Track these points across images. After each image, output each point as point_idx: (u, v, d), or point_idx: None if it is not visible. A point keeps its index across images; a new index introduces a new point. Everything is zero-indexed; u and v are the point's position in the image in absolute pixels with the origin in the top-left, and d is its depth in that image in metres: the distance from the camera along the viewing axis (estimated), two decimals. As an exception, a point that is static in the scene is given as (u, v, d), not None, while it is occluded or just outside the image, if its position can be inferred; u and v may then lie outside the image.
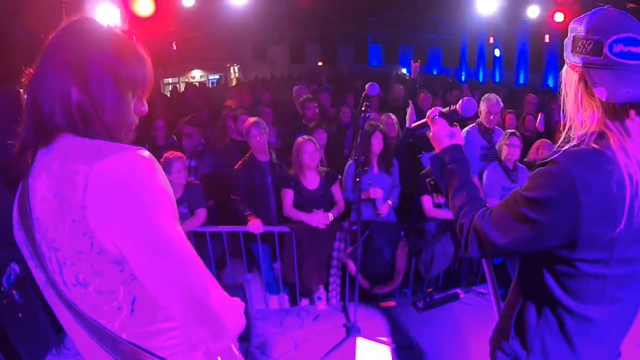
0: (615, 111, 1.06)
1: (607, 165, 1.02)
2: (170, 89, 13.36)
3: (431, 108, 1.55)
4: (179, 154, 3.50)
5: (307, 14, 12.47)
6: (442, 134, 1.46)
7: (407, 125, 4.14)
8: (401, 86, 7.38)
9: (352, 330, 3.08)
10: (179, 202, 3.43)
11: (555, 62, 14.94)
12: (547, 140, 4.50)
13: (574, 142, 1.10)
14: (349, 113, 5.72)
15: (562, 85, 1.20)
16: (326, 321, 3.31)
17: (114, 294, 0.90)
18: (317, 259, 3.39)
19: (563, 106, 1.20)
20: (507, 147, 3.79)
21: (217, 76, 17.15)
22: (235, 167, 3.57)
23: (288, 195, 3.39)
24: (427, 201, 3.59)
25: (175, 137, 5.22)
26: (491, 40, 15.13)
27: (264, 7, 7.80)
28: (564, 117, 1.20)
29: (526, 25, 12.42)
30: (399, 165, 3.92)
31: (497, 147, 4.00)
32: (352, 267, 3.36)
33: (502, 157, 3.85)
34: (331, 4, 10.93)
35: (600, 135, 1.06)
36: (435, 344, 3.10)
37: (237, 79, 17.67)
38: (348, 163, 3.76)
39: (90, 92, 0.93)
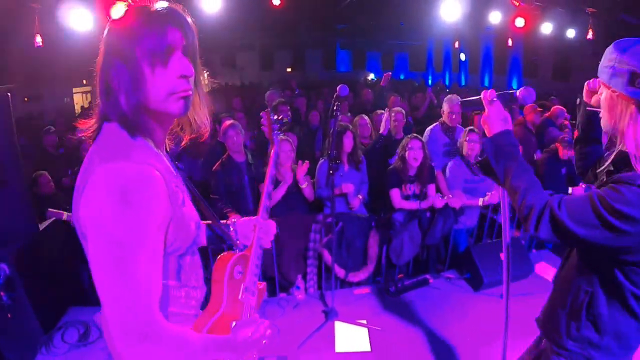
0: None
1: None
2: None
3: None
4: None
5: (277, 21, 12.67)
6: (497, 117, 1.53)
7: (381, 131, 4.37)
8: (370, 90, 7.68)
9: (330, 315, 3.30)
10: None
11: (518, 65, 15.63)
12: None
13: None
14: (317, 117, 5.97)
15: (606, 110, 1.38)
16: (305, 309, 3.50)
17: None
18: (294, 251, 3.61)
19: (608, 127, 1.39)
20: (467, 143, 4.10)
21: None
22: (213, 168, 3.76)
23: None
24: (395, 194, 3.85)
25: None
26: (456, 45, 15.71)
27: (235, 15, 7.96)
28: (606, 136, 1.43)
29: (490, 31, 12.93)
30: (372, 166, 4.19)
31: (458, 143, 4.31)
32: (327, 256, 3.60)
33: (464, 153, 4.15)
34: (300, 12, 11.16)
35: None
36: (408, 325, 3.34)
37: (206, 85, 17.60)
38: (320, 162, 3.99)
39: (104, 74, 1.03)
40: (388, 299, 3.67)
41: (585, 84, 1.64)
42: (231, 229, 1.56)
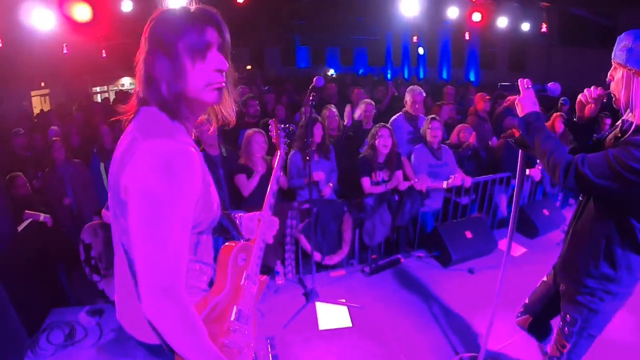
0: None
1: None
2: (102, 98, 13.02)
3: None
4: None
5: (236, 19, 12.61)
6: (529, 101, 1.88)
7: (345, 122, 4.67)
8: (334, 84, 7.87)
9: (311, 296, 3.47)
10: None
11: (475, 58, 16.21)
12: (466, 125, 5.18)
13: None
14: (283, 111, 6.12)
15: (622, 87, 1.69)
16: (286, 293, 3.66)
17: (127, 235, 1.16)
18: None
19: (623, 103, 1.71)
20: (431, 130, 4.35)
21: (146, 84, 16.51)
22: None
23: (242, 178, 3.72)
24: (365, 181, 4.06)
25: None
26: (415, 39, 16.05)
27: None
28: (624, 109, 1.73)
29: (447, 25, 13.32)
30: (340, 155, 4.39)
31: (421, 131, 4.57)
32: (304, 241, 3.77)
33: (427, 140, 4.40)
34: (259, 8, 11.19)
35: None
36: (385, 301, 3.56)
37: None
38: (291, 153, 4.14)
39: (147, 65, 1.17)
40: (364, 279, 3.89)
41: (579, 97, 1.96)
42: (237, 222, 1.65)
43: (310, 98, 3.01)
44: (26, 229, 3.68)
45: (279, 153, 1.92)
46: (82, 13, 5.14)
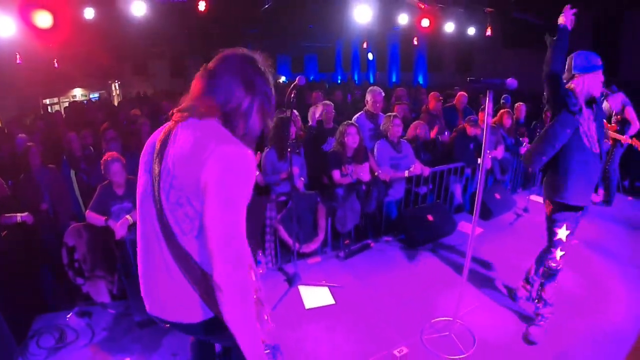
0: None
1: None
2: (54, 110, 12.64)
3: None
4: (115, 154, 3.82)
5: (188, 28, 12.63)
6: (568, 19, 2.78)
7: (310, 123, 5.15)
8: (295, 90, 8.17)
9: (294, 280, 3.74)
10: (123, 197, 3.77)
11: (423, 61, 16.95)
12: (421, 122, 5.63)
13: None
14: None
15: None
16: (268, 281, 3.88)
17: (191, 219, 1.40)
18: (253, 228, 3.97)
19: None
20: (393, 126, 4.74)
21: (97, 94, 16.43)
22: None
23: None
24: (336, 173, 4.38)
25: (91, 148, 5.39)
26: (365, 45, 16.61)
27: (146, 23, 7.97)
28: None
29: (396, 30, 13.85)
30: (307, 152, 4.71)
31: (382, 128, 4.95)
32: (282, 231, 4.04)
33: (388, 135, 4.79)
34: (211, 17, 11.27)
35: None
36: (362, 281, 3.88)
37: (118, 95, 17.15)
38: (265, 151, 4.38)
39: (228, 89, 1.48)
40: (339, 263, 4.20)
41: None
42: None
43: (292, 96, 3.29)
44: (7, 235, 3.69)
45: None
46: (43, 19, 5.14)
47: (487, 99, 2.63)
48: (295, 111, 5.31)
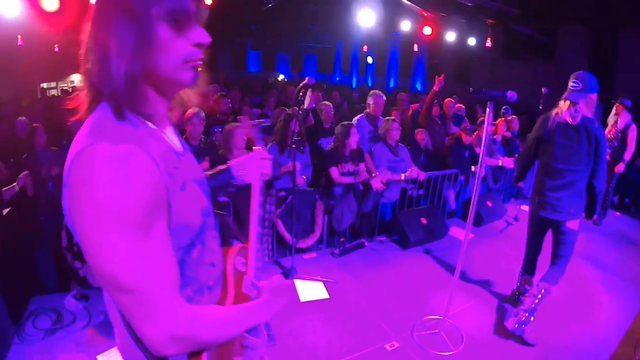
0: None
1: None
2: (49, 95, 12.56)
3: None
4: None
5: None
6: None
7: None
8: (293, 88, 8.27)
9: (290, 274, 3.82)
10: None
11: (422, 69, 17.08)
12: (422, 129, 5.76)
13: None
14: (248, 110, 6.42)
15: None
16: (265, 274, 3.96)
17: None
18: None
19: None
20: (392, 130, 4.85)
21: (95, 82, 15.96)
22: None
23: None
24: (334, 171, 4.47)
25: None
26: (365, 48, 16.66)
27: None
28: None
29: (397, 36, 13.92)
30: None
31: (380, 131, 5.06)
32: (280, 226, 4.13)
33: (387, 138, 4.89)
34: (212, 12, 11.26)
35: None
36: (355, 278, 3.99)
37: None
38: (269, 146, 4.47)
39: (100, 36, 0.92)
40: (334, 260, 4.30)
41: None
42: (232, 171, 1.54)
43: (300, 94, 3.38)
44: (7, 215, 3.71)
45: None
46: (50, 2, 5.09)
47: (488, 109, 2.71)
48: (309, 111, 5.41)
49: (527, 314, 3.11)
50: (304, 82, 3.39)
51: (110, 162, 0.82)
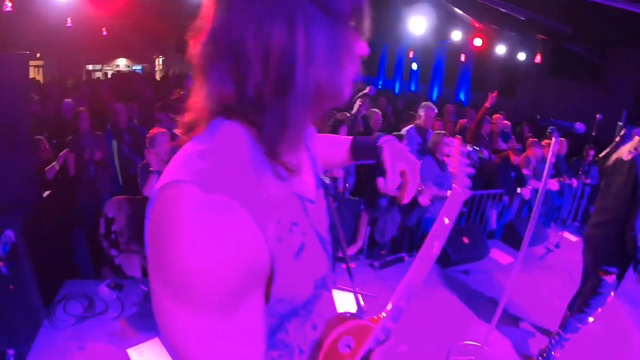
0: None
1: None
2: (95, 77, 12.82)
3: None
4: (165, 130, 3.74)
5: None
6: None
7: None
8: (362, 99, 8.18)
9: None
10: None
11: (467, 80, 16.75)
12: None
13: None
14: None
15: None
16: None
17: None
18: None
19: None
20: (441, 145, 4.65)
21: (139, 67, 16.70)
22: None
23: None
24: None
25: (135, 122, 5.41)
26: (411, 54, 16.41)
27: (196, 4, 8.01)
28: None
29: (444, 44, 13.74)
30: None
31: (429, 144, 4.87)
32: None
33: (436, 152, 4.70)
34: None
35: None
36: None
37: (161, 70, 17.31)
38: None
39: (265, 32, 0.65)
40: (373, 272, 4.16)
41: None
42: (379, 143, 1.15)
43: (359, 104, 3.24)
44: (49, 196, 3.71)
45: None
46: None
47: (554, 139, 2.65)
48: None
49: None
50: (365, 91, 3.24)
51: (198, 218, 0.60)
